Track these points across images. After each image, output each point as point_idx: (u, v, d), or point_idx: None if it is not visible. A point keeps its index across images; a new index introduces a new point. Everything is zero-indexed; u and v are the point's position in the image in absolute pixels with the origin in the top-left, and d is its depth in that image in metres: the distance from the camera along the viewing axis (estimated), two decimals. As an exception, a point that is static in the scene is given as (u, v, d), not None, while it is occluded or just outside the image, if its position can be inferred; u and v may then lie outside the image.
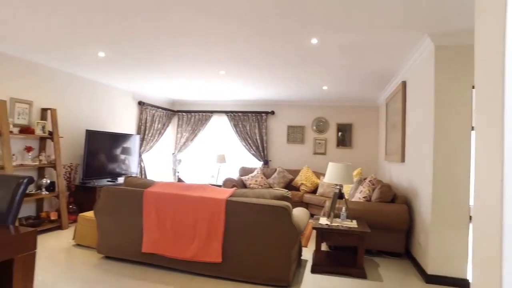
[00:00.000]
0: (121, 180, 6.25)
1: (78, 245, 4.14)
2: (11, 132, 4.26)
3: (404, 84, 4.56)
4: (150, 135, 7.30)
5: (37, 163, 4.71)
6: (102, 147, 5.71)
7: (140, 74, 5.43)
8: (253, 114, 7.70)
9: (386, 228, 3.93)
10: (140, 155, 6.93)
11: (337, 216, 3.97)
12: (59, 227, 4.80)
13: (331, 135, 7.47)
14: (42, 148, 4.94)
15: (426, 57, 3.62)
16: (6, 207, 2.16)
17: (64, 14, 3.07)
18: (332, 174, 3.71)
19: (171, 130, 8.32)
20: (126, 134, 6.28)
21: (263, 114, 7.67)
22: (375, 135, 7.27)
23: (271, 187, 6.81)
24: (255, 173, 6.98)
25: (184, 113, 8.20)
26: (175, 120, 8.32)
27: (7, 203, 2.16)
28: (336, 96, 6.83)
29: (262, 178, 6.88)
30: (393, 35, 3.34)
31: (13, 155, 4.34)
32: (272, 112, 7.69)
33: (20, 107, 4.60)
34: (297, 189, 6.79)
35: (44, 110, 4.95)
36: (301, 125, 7.63)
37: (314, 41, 3.58)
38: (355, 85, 5.69)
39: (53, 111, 4.90)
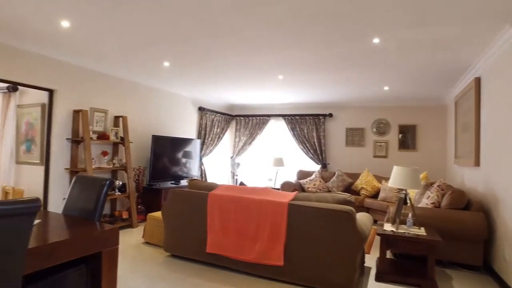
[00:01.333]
0: (183, 182, 6.56)
1: (147, 242, 4.43)
2: (91, 138, 4.71)
3: (477, 80, 4.21)
4: (209, 139, 7.58)
5: (111, 166, 5.14)
6: (166, 151, 6.05)
7: (200, 81, 5.68)
8: (311, 117, 7.63)
9: (459, 237, 3.64)
10: (200, 159, 7.23)
11: (403, 222, 3.78)
12: (130, 225, 5.18)
13: (393, 137, 7.13)
14: (115, 153, 5.38)
15: (507, 50, 3.30)
16: (93, 206, 2.39)
17: (134, 30, 3.32)
18: (397, 178, 3.54)
19: (229, 134, 8.56)
20: (187, 139, 6.59)
21: (320, 117, 7.57)
22: (442, 136, 6.79)
23: (329, 191, 6.68)
24: (313, 176, 6.90)
25: (242, 117, 8.39)
26: (233, 124, 8.55)
27: (93, 203, 2.39)
28: (398, 96, 6.51)
29: (320, 181, 6.78)
30: (466, 28, 3.11)
31: (92, 158, 4.79)
32: (330, 115, 7.55)
33: (97, 116, 5.07)
34: (357, 193, 6.58)
35: (116, 118, 5.39)
36: (360, 127, 7.39)
37: (375, 40, 3.46)
38: (419, 84, 5.38)
39: (124, 119, 5.31)
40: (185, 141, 6.55)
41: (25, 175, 4.98)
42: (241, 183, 5.86)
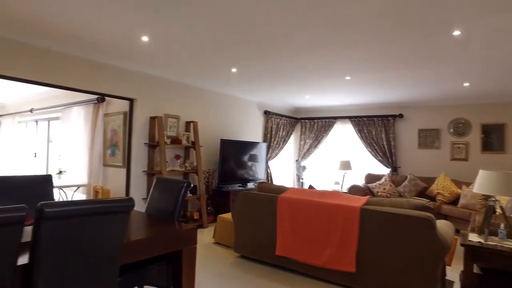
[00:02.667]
0: (250, 185, 6.70)
1: (217, 243, 4.59)
2: (165, 142, 5.04)
3: None
4: (275, 142, 7.64)
5: (183, 169, 5.44)
6: (233, 154, 6.24)
7: (266, 85, 5.76)
8: (379, 118, 7.29)
9: None
10: (266, 162, 7.31)
11: (493, 233, 3.40)
12: (201, 226, 5.42)
13: (474, 138, 6.49)
14: (187, 156, 5.69)
15: None
16: (172, 207, 2.55)
17: (204, 40, 3.49)
18: (484, 184, 3.20)
19: (294, 138, 8.54)
20: (253, 142, 6.72)
21: (390, 118, 7.19)
22: (536, 137, 6.01)
23: (401, 196, 6.30)
24: (382, 180, 6.57)
25: (307, 120, 8.32)
26: (298, 128, 8.52)
27: (172, 203, 2.55)
28: (480, 93, 5.92)
29: (390, 185, 6.43)
30: None
31: (167, 161, 5.12)
32: (400, 115, 7.14)
33: (171, 121, 5.42)
34: (432, 199, 6.10)
35: (188, 123, 5.71)
36: (435, 128, 6.86)
37: (456, 32, 3.19)
38: (507, 78, 4.83)
39: (195, 124, 5.60)
40: (252, 145, 6.68)
41: (111, 176, 5.50)
42: (310, 187, 5.80)
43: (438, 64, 4.20)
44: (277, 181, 7.94)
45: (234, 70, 4.78)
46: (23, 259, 1.51)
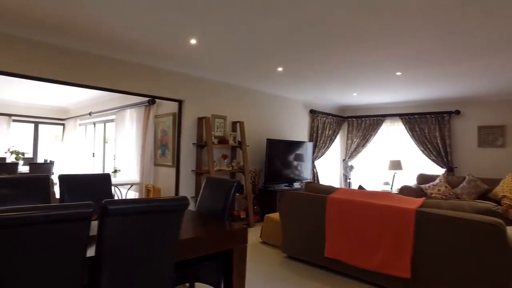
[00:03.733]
0: (296, 185, 6.64)
1: (264, 242, 4.60)
2: (212, 142, 5.15)
3: None
4: (321, 141, 7.50)
5: (230, 168, 5.52)
6: (279, 154, 6.21)
7: (312, 84, 5.67)
8: (433, 115, 6.88)
9: None
10: (313, 162, 7.20)
11: None
12: (248, 225, 5.46)
13: (544, 135, 5.89)
14: (233, 156, 5.77)
15: None
16: (222, 206, 2.59)
17: (250, 41, 3.50)
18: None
19: (341, 137, 8.33)
20: (299, 142, 6.65)
21: (445, 115, 6.75)
22: None
23: (458, 198, 5.88)
24: (437, 181, 6.18)
25: (354, 119, 8.08)
26: (345, 126, 8.30)
27: (223, 202, 2.59)
28: (552, 86, 5.35)
29: (446, 187, 6.03)
30: None
31: (214, 161, 5.22)
32: (457, 112, 6.67)
33: (218, 122, 5.52)
34: (496, 202, 5.62)
35: (234, 123, 5.78)
36: (499, 125, 6.32)
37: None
38: None
39: (241, 124, 5.65)
40: (297, 144, 6.62)
41: (161, 175, 5.73)
42: (360, 187, 5.62)
43: (504, 54, 3.86)
44: (323, 181, 7.79)
45: (280, 69, 4.76)
46: (90, 252, 1.60)
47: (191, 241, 2.00)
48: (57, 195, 3.47)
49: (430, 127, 6.90)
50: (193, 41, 3.65)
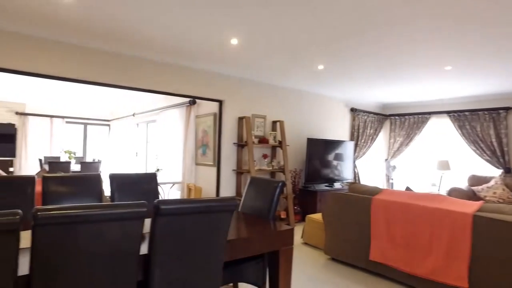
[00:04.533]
0: (337, 185, 6.48)
1: (306, 243, 4.52)
2: (253, 142, 5.15)
3: None
4: (362, 141, 7.27)
5: (270, 168, 5.50)
6: (320, 153, 6.10)
7: (353, 82, 5.50)
8: (486, 112, 6.42)
9: None
10: (354, 161, 7.00)
11: None
12: (288, 225, 5.41)
13: None
14: (273, 155, 5.74)
15: None
16: (267, 206, 2.57)
17: (290, 39, 3.44)
18: None
19: (383, 135, 8.03)
20: (340, 141, 6.49)
21: (500, 111, 6.27)
22: None
23: (516, 202, 5.44)
24: (492, 183, 5.76)
25: (397, 117, 7.75)
26: (387, 125, 7.98)
27: (268, 203, 2.57)
28: None
29: (504, 189, 5.60)
30: None
31: (254, 161, 5.23)
32: (514, 108, 6.18)
33: (258, 121, 5.52)
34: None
35: (274, 123, 5.75)
36: (562, 122, 5.76)
37: None
38: None
39: (281, 123, 5.61)
40: (338, 143, 6.46)
41: (202, 174, 5.83)
42: (407, 188, 5.38)
43: None
44: (365, 181, 7.55)
45: (321, 67, 4.66)
46: (143, 249, 1.64)
47: (239, 242, 1.99)
48: (106, 193, 3.64)
49: (483, 124, 6.45)
50: (234, 41, 3.66)
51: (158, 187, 5.77)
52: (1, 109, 8.63)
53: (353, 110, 7.14)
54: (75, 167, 8.06)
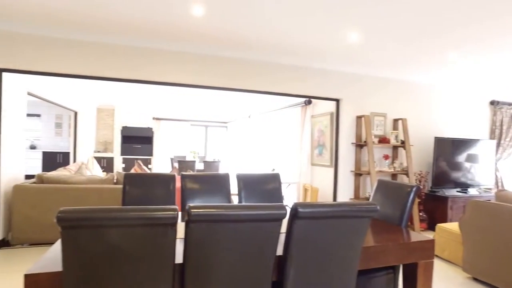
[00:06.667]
0: (472, 191, 5.61)
1: (437, 256, 4.02)
2: (373, 142, 4.84)
3: None
4: (507, 139, 6.12)
5: (391, 170, 5.08)
6: (450, 154, 5.37)
7: (493, 69, 4.66)
8: None
9: None
10: (495, 164, 5.96)
11: None
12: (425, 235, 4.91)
13: None
14: (395, 156, 5.30)
15: None
16: (399, 213, 2.34)
17: (413, 25, 3.06)
18: None
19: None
20: (474, 140, 5.59)
21: None
22: None
23: None
24: None
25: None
26: (540, 120, 6.56)
27: (399, 209, 2.34)
28: None
29: None
30: None
31: (374, 162, 4.90)
32: None
33: (377, 120, 5.17)
34: None
35: (395, 121, 5.30)
36: None
37: None
38: None
39: (404, 121, 5.13)
40: (471, 143, 5.58)
41: (318, 175, 5.75)
42: None
43: None
44: (510, 187, 6.34)
45: (452, 55, 4.08)
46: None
47: (373, 250, 1.85)
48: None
49: None
50: (352, 36, 3.48)
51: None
52: (142, 114, 10.14)
53: (493, 103, 6.08)
54: (199, 166, 8.92)
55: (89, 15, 3.10)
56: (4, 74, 3.74)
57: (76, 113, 8.35)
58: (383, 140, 5.04)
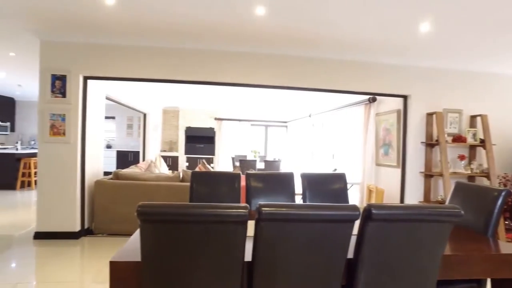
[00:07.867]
0: None
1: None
2: (446, 141, 4.46)
3: None
4: None
5: (468, 171, 4.64)
6: (541, 155, 4.74)
7: None
8: None
9: None
10: None
11: None
12: (494, 242, 4.43)
13: None
14: (472, 156, 4.82)
15: None
16: (484, 220, 2.12)
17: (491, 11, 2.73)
18: None
19: None
20: None
21: None
22: None
23: None
24: None
25: None
26: None
27: (485, 216, 2.11)
28: None
29: None
30: None
31: (448, 162, 4.51)
32: None
33: (451, 117, 4.75)
34: None
35: (473, 118, 4.83)
36: None
37: None
38: None
39: (484, 118, 4.64)
40: None
41: (383, 176, 5.46)
42: None
43: None
44: None
45: (547, 43, 3.59)
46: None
47: (455, 259, 1.68)
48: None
49: None
50: (423, 27, 3.23)
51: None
52: (204, 115, 10.54)
53: None
54: (259, 165, 9.00)
55: (167, 22, 3.30)
56: (89, 81, 4.18)
57: (145, 115, 8.95)
58: (458, 138, 4.62)
